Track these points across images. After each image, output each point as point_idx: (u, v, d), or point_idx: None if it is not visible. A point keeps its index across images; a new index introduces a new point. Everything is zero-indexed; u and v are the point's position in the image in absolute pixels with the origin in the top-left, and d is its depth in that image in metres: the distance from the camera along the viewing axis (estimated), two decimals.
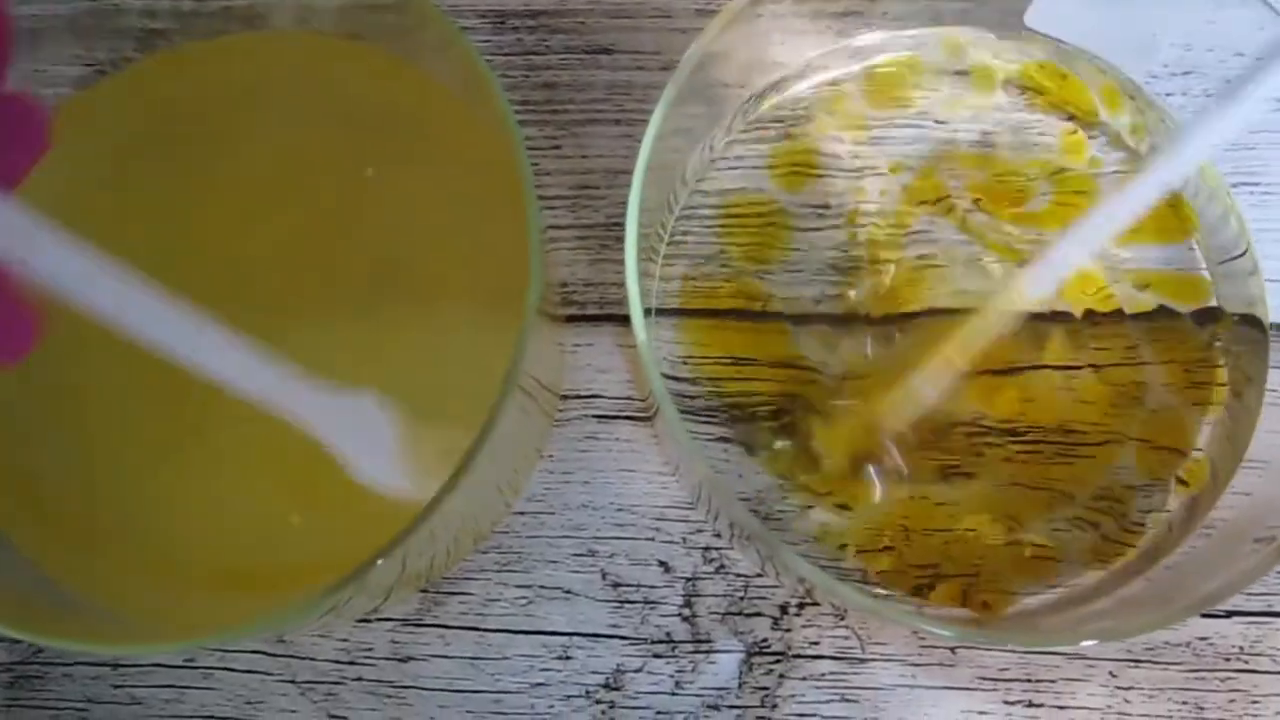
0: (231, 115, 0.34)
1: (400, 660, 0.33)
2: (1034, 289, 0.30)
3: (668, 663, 0.33)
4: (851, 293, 0.33)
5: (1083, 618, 0.30)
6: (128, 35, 0.35)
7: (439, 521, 0.26)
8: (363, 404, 0.28)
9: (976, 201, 0.34)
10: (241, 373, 0.25)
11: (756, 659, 0.33)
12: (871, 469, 0.32)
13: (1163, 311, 0.34)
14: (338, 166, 0.33)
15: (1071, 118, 0.35)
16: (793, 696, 0.32)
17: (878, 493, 0.32)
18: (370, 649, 0.33)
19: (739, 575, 0.33)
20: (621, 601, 0.33)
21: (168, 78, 0.34)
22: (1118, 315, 0.33)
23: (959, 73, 0.35)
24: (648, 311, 0.32)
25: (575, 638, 0.33)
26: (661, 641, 0.33)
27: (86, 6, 0.35)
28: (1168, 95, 0.34)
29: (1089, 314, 0.33)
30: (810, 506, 0.32)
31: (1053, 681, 0.32)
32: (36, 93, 0.37)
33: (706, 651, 0.33)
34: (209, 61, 0.34)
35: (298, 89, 0.34)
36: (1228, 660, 0.33)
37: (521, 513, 0.34)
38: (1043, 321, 0.33)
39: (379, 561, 0.25)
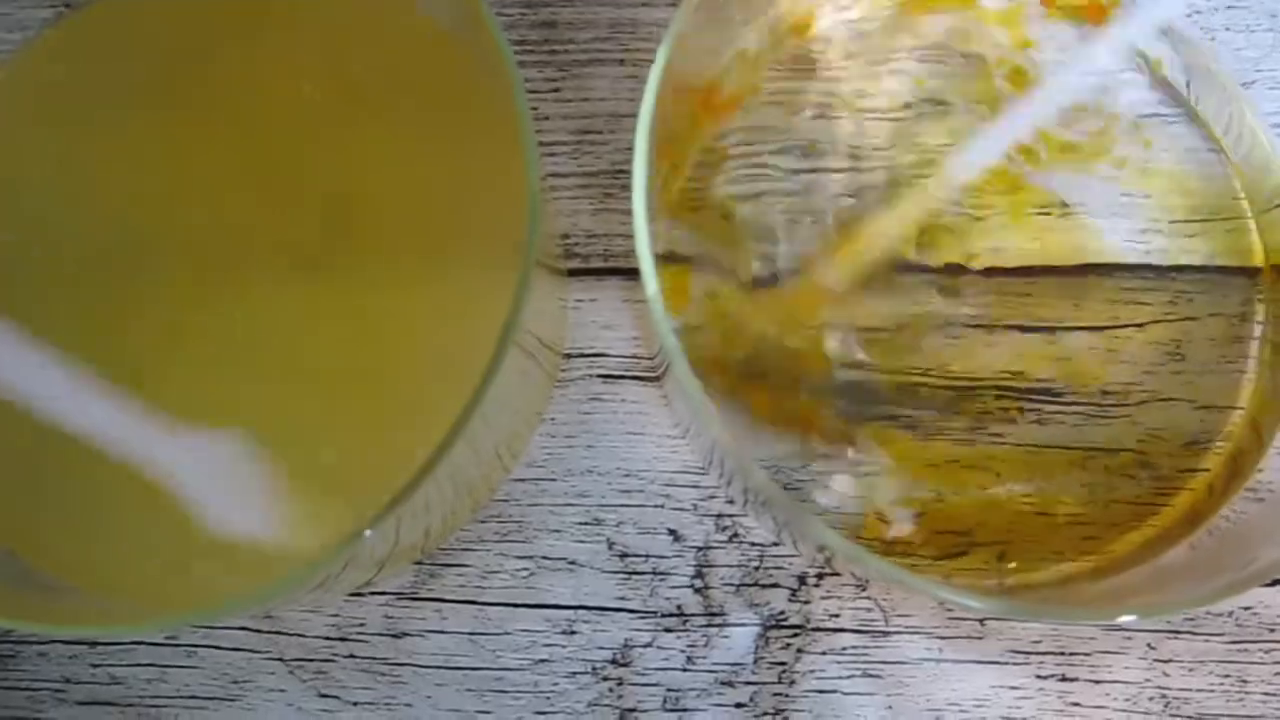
0: (204, 54, 0.31)
1: (394, 636, 0.31)
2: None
3: (679, 637, 0.31)
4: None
5: (1121, 587, 0.28)
6: None
7: (433, 490, 0.24)
8: (226, 448, 0.27)
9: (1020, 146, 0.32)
10: (88, 416, 0.25)
11: (773, 632, 0.31)
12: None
13: (1201, 265, 0.31)
14: (318, 109, 0.30)
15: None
16: (812, 672, 0.31)
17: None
18: (362, 624, 0.31)
19: (754, 544, 0.31)
20: (629, 573, 0.31)
21: (135, 14, 0.32)
22: (1156, 270, 0.31)
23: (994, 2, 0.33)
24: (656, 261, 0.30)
25: (580, 611, 0.31)
26: (672, 615, 0.31)
27: None
28: (1225, 29, 0.32)
29: (1125, 268, 0.31)
30: (832, 473, 0.30)
31: (1088, 654, 0.31)
32: (3, 36, 0.35)
33: (720, 625, 0.31)
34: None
35: (275, 25, 0.31)
36: (1273, 630, 0.31)
37: (522, 479, 0.32)
38: (1078, 276, 0.31)
39: (367, 533, 0.23)
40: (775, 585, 0.31)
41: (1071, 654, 0.31)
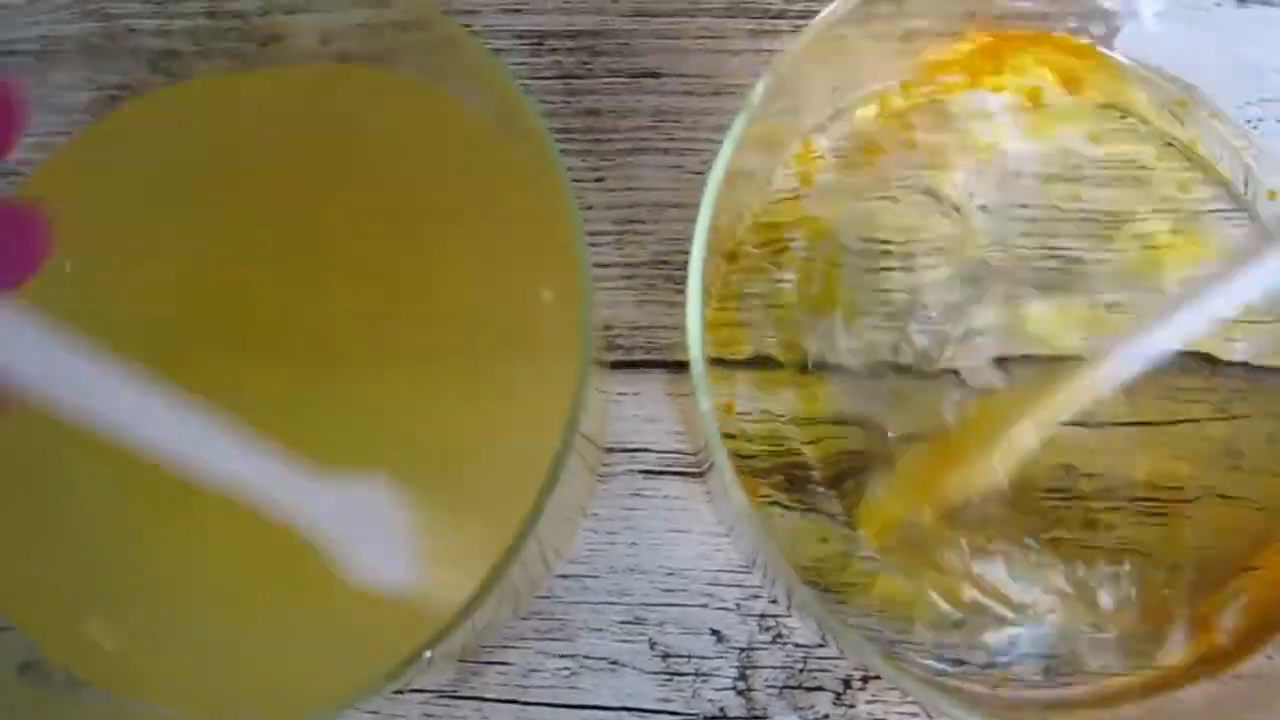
0: (252, 149, 0.31)
1: None
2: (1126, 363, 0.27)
3: None
4: (922, 341, 0.31)
5: (1176, 709, 0.28)
6: (140, 56, 0.33)
7: (482, 612, 0.24)
8: (367, 493, 0.26)
9: (1055, 244, 0.31)
10: (232, 464, 0.24)
11: None
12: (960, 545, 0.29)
13: (1256, 364, 0.31)
14: (364, 203, 0.30)
15: (1165, 148, 0.32)
16: None
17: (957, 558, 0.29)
18: None
19: (798, 645, 0.31)
20: (671, 673, 0.31)
21: (182, 110, 0.32)
22: (1212, 367, 0.31)
23: (1039, 102, 0.32)
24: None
25: (622, 713, 0.31)
26: (715, 717, 0.31)
27: (97, 27, 0.33)
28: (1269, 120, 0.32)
29: (1182, 367, 0.31)
30: (879, 573, 0.30)
31: None
32: (45, 118, 0.35)
33: None
34: (226, 94, 0.32)
35: (320, 121, 0.31)
36: None
37: (564, 576, 0.32)
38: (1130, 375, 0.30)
39: (426, 654, 0.23)
40: (820, 688, 0.31)
41: None
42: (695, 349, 0.25)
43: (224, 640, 0.28)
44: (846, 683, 0.31)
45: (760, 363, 0.31)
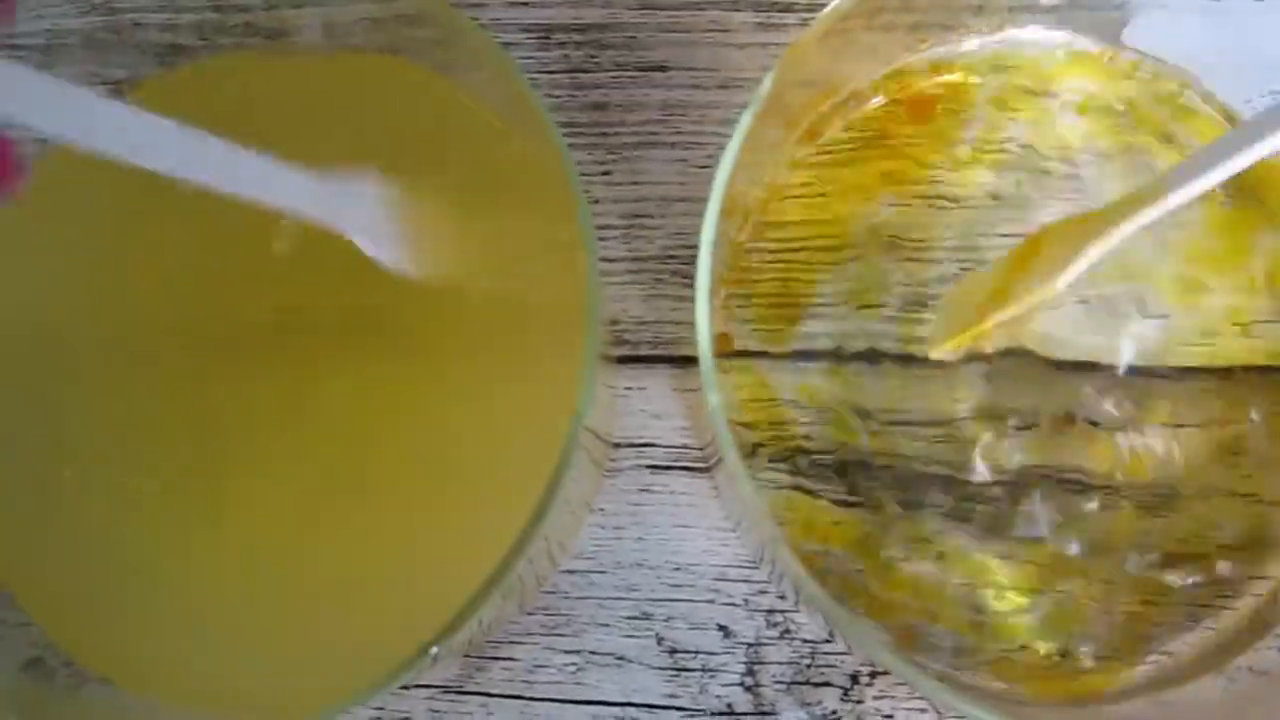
0: (256, 139, 0.31)
1: None
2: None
3: None
4: (929, 333, 0.31)
5: (1187, 703, 0.27)
6: (147, 51, 0.33)
7: (487, 608, 0.24)
8: (359, 188, 0.27)
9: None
10: (234, 176, 0.24)
11: None
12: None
13: (1264, 365, 0.31)
14: None
15: (1171, 142, 0.32)
16: None
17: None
18: (407, 718, 0.31)
19: (805, 641, 0.31)
20: (679, 669, 0.31)
21: (186, 98, 0.32)
22: (1219, 370, 0.30)
23: (1046, 94, 0.32)
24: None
25: (629, 708, 0.31)
26: (722, 713, 0.30)
27: (103, 22, 0.33)
28: None
29: (1190, 368, 0.30)
30: (888, 565, 0.29)
31: None
32: None
33: None
34: (229, 83, 0.32)
35: (326, 113, 0.31)
36: None
37: (570, 571, 0.31)
38: (1139, 375, 0.30)
39: (433, 650, 0.23)
40: (827, 684, 0.30)
41: None
42: (704, 344, 0.25)
43: (229, 635, 0.27)
44: (854, 678, 0.30)
45: (766, 357, 0.31)
